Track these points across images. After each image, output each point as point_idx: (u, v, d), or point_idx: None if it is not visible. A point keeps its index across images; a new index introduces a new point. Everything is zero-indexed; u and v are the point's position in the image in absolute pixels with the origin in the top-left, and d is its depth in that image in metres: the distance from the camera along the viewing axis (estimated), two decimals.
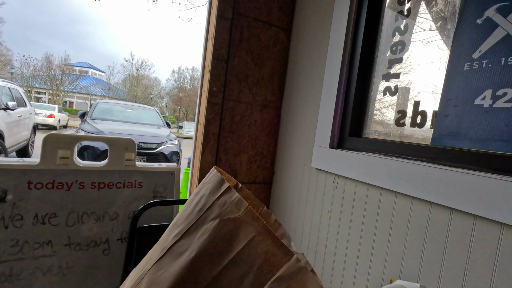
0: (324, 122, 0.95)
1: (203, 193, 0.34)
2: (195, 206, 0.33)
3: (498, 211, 0.51)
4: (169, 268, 0.29)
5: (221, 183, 0.33)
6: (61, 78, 24.29)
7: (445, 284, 0.59)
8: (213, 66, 1.08)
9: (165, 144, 4.18)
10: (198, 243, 0.29)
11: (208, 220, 0.30)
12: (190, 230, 0.31)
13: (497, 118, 0.56)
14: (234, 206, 0.30)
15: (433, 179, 0.61)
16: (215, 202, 0.32)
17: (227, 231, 0.29)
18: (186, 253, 0.29)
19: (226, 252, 0.29)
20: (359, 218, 0.81)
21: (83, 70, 33.16)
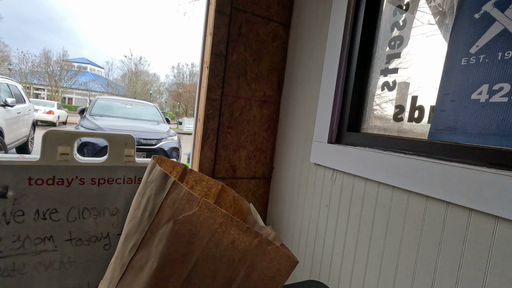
0: (322, 118, 0.96)
1: (149, 195, 0.32)
2: (143, 212, 0.31)
3: (492, 205, 0.51)
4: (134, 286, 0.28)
5: (166, 179, 0.30)
6: (59, 74, 24.18)
7: (441, 276, 0.60)
8: (212, 61, 1.08)
9: (165, 140, 4.19)
10: (157, 252, 0.28)
11: (161, 224, 0.29)
12: (145, 239, 0.29)
13: (493, 112, 0.56)
14: (186, 203, 0.28)
15: (429, 174, 0.62)
16: (164, 203, 0.29)
17: (186, 231, 0.27)
18: (148, 266, 0.28)
19: (190, 252, 0.27)
20: (356, 213, 0.82)
21: (81, 66, 32.99)
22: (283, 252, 0.30)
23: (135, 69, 30.79)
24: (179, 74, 33.67)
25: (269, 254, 0.31)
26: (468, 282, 0.56)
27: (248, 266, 0.30)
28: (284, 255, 0.30)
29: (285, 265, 0.31)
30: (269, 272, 0.31)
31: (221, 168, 1.16)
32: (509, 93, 0.54)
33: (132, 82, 29.94)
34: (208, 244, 0.30)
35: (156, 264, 0.29)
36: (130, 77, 30.61)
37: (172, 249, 0.29)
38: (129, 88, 29.33)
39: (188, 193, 0.30)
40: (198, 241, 0.29)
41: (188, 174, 0.39)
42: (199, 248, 0.29)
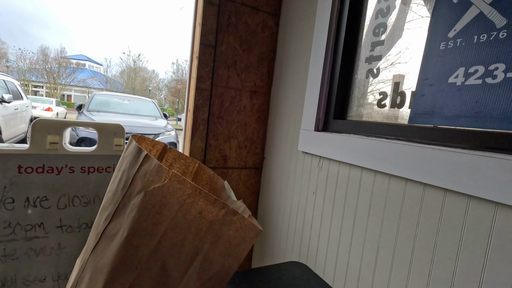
0: (310, 106, 0.97)
1: (124, 168, 0.33)
2: (118, 184, 0.32)
3: (465, 184, 0.53)
4: (106, 253, 0.29)
5: (139, 153, 0.31)
6: (58, 71, 24.09)
7: (418, 255, 0.62)
8: (201, 52, 1.09)
9: (162, 135, 4.20)
10: (128, 221, 0.29)
11: (133, 195, 0.30)
12: (118, 210, 0.31)
13: (468, 95, 0.57)
14: (156, 175, 0.29)
15: (408, 157, 0.63)
16: (136, 175, 0.30)
17: (156, 202, 0.28)
18: (119, 234, 0.29)
19: (160, 222, 0.29)
20: (341, 198, 0.83)
21: (80, 63, 32.85)
22: (247, 222, 0.32)
23: (134, 65, 30.68)
24: (178, 70, 33.56)
25: (234, 224, 0.32)
26: (443, 259, 0.57)
27: (215, 235, 0.32)
28: (248, 224, 0.32)
29: (249, 234, 0.33)
30: (234, 241, 0.32)
31: (212, 157, 1.17)
32: (483, 75, 0.55)
33: (131, 79, 29.86)
34: (177, 214, 0.31)
35: (126, 232, 0.31)
36: (128, 73, 30.52)
37: (142, 218, 0.31)
38: (128, 85, 29.25)
39: (158, 165, 0.31)
40: (167, 211, 0.31)
41: (167, 152, 0.40)
42: (168, 218, 0.31)
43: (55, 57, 26.06)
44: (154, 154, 0.39)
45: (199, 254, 0.32)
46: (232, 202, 0.38)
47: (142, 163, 0.32)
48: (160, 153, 0.40)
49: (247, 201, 1.28)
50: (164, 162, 0.40)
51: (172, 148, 0.40)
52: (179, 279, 0.32)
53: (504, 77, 0.52)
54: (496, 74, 0.53)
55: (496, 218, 0.50)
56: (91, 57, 56.43)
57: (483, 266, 0.51)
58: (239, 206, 0.36)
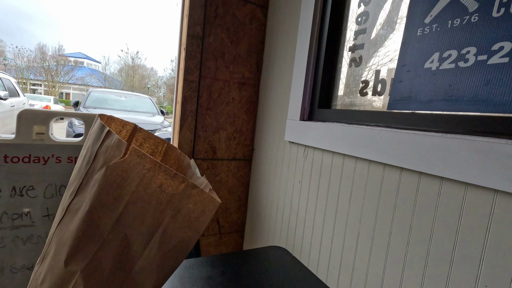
0: (295, 96, 0.97)
1: (88, 145, 0.34)
2: (83, 160, 0.33)
3: (437, 167, 0.54)
4: (69, 226, 0.30)
5: (102, 129, 0.32)
6: (56, 69, 24.02)
7: (395, 239, 0.63)
8: (188, 43, 1.09)
9: (159, 131, 4.20)
10: (91, 195, 0.30)
11: (96, 170, 0.31)
12: (82, 185, 0.32)
13: (442, 79, 0.58)
14: (116, 150, 0.30)
15: (385, 142, 0.64)
16: (99, 151, 0.31)
17: (116, 176, 0.29)
18: (82, 208, 0.30)
19: (121, 196, 0.29)
20: (325, 186, 0.84)
21: (78, 60, 32.74)
22: (206, 195, 0.33)
23: (132, 63, 30.58)
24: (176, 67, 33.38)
25: (194, 197, 0.33)
26: (417, 241, 0.58)
27: (175, 208, 0.33)
28: (207, 197, 0.33)
29: (208, 207, 0.33)
30: (194, 214, 0.33)
31: (201, 149, 1.18)
32: (456, 59, 0.56)
33: (129, 77, 29.78)
34: (138, 188, 0.32)
35: (88, 206, 0.32)
36: (127, 71, 30.43)
37: (103, 193, 0.32)
38: (127, 83, 29.18)
39: (118, 140, 0.32)
40: (128, 186, 0.32)
41: (137, 132, 0.41)
42: (128, 192, 0.32)
43: (53, 55, 25.97)
44: (125, 134, 0.40)
45: (160, 227, 0.33)
46: (196, 178, 0.39)
47: (104, 138, 0.33)
48: (131, 133, 0.40)
49: (237, 192, 1.29)
50: (134, 142, 0.40)
51: (142, 128, 0.41)
52: (141, 250, 0.33)
53: (475, 60, 0.52)
54: (468, 57, 0.54)
55: (466, 198, 0.51)
56: (90, 55, 56.17)
57: (454, 245, 0.52)
58: (202, 181, 0.37)
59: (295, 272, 0.58)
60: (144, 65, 32.66)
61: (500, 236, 0.46)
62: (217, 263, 0.58)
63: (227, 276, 0.54)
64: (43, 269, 0.33)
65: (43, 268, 0.33)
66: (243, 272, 0.55)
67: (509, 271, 0.45)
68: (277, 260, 0.61)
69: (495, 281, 0.46)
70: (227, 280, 0.52)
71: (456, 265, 0.52)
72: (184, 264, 0.57)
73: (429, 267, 0.56)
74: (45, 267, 0.33)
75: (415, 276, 0.58)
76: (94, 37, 78.42)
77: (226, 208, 1.28)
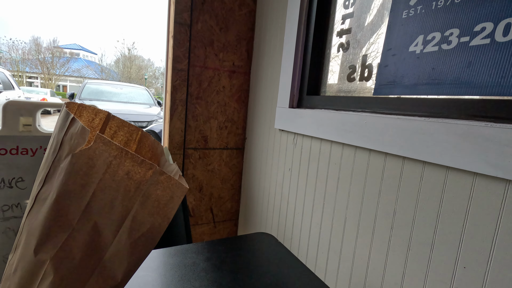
0: (284, 83, 0.96)
1: (55, 133, 0.33)
2: (50, 149, 0.33)
3: (420, 151, 0.53)
4: (38, 216, 0.30)
5: (67, 117, 0.31)
6: (51, 61, 23.73)
7: (380, 222, 0.63)
8: (176, 31, 1.07)
9: (156, 122, 4.19)
10: (57, 184, 0.29)
11: (62, 159, 0.30)
12: (49, 174, 0.31)
13: (426, 62, 0.57)
14: (80, 137, 0.29)
15: (371, 128, 0.64)
16: (64, 138, 0.31)
17: (82, 164, 0.29)
18: (49, 197, 0.30)
19: (88, 184, 0.29)
20: (313, 173, 0.84)
21: (73, 52, 32.31)
22: (174, 181, 0.32)
23: (129, 54, 30.18)
24: None
25: (162, 184, 0.33)
26: (401, 226, 0.59)
27: (143, 195, 0.33)
28: (175, 183, 0.32)
29: (177, 192, 0.33)
30: (163, 200, 0.33)
31: (192, 138, 1.18)
32: (439, 42, 0.55)
33: (126, 68, 29.45)
34: (105, 175, 0.31)
35: (55, 195, 0.31)
36: (124, 62, 30.07)
37: (70, 181, 0.31)
38: (124, 74, 28.89)
39: (81, 127, 0.31)
40: (95, 173, 0.31)
41: (111, 120, 0.41)
42: (96, 180, 0.31)
43: (48, 47, 25.60)
44: (98, 122, 0.39)
45: (129, 214, 0.33)
46: (168, 165, 0.39)
47: (69, 126, 0.33)
48: (104, 121, 0.40)
49: (230, 181, 1.29)
50: (108, 130, 0.40)
51: (116, 116, 0.41)
52: (111, 238, 0.33)
53: (458, 42, 0.51)
54: (450, 39, 0.53)
55: (447, 182, 0.51)
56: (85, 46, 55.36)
57: (435, 228, 0.53)
58: (173, 168, 0.37)
59: (278, 257, 0.58)
60: (141, 56, 32.27)
61: (478, 219, 0.46)
62: (201, 250, 0.58)
63: (211, 262, 0.54)
64: (15, 259, 0.34)
65: (15, 258, 0.34)
66: (228, 258, 0.56)
67: (486, 252, 0.45)
68: (262, 246, 0.62)
69: (473, 262, 0.47)
70: (210, 266, 0.53)
71: (437, 247, 0.52)
72: (169, 252, 0.57)
73: (412, 250, 0.57)
74: (17, 256, 0.33)
75: (398, 259, 0.59)
76: (89, 28, 77.06)
77: (219, 197, 1.29)
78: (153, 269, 0.51)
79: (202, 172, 1.22)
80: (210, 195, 1.26)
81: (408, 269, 0.57)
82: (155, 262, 0.53)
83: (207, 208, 1.27)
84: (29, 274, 0.32)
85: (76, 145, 0.31)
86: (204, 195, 1.25)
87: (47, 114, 10.61)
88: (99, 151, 0.30)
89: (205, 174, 1.23)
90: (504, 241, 0.43)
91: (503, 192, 0.43)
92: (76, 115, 0.39)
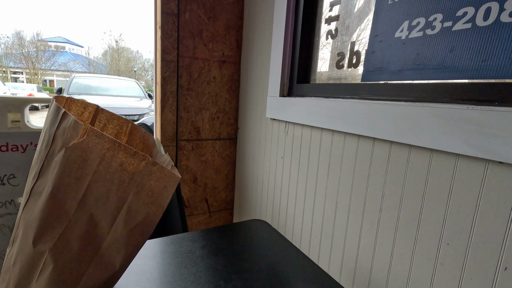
0: (274, 72, 0.97)
1: (46, 128, 0.34)
2: (42, 143, 0.33)
3: (406, 135, 0.55)
4: (34, 209, 0.31)
5: (58, 111, 0.31)
6: (36, 55, 23.03)
7: (369, 206, 0.66)
8: (163, 21, 1.06)
9: (147, 115, 4.15)
10: (52, 177, 0.30)
11: (55, 153, 0.31)
12: (43, 168, 0.32)
13: (411, 48, 0.58)
14: (73, 130, 0.30)
15: (359, 114, 0.65)
16: (56, 133, 0.31)
17: (76, 157, 0.29)
18: (45, 190, 0.30)
19: (83, 176, 0.30)
20: (305, 160, 0.86)
21: (59, 45, 31.38)
22: (167, 171, 0.33)
23: (117, 45, 29.47)
24: None
25: (155, 174, 0.34)
26: (389, 208, 0.61)
27: (137, 186, 0.33)
28: (168, 173, 0.33)
29: (170, 182, 0.34)
30: (157, 190, 0.34)
31: (184, 130, 1.18)
32: (423, 27, 0.56)
33: (114, 60, 28.81)
34: (99, 168, 0.32)
35: (51, 188, 0.32)
36: (112, 54, 29.39)
37: (65, 174, 0.32)
38: (112, 67, 28.27)
39: (74, 121, 0.32)
40: (89, 166, 0.32)
41: (100, 113, 0.41)
42: (90, 172, 0.32)
43: (31, 41, 24.78)
44: (87, 116, 0.40)
45: (124, 204, 0.34)
46: (160, 156, 0.39)
47: (61, 120, 0.33)
48: (94, 115, 0.40)
49: (224, 171, 1.31)
50: (98, 123, 0.40)
51: (104, 109, 0.41)
52: (107, 228, 0.34)
53: (441, 28, 0.53)
54: (434, 25, 0.54)
55: (431, 164, 0.53)
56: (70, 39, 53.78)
57: (420, 208, 0.55)
58: (165, 159, 0.38)
59: (272, 242, 0.60)
60: (129, 48, 31.55)
61: (460, 198, 0.49)
62: (197, 238, 0.60)
63: (207, 249, 0.56)
64: (14, 251, 0.34)
65: (14, 250, 0.34)
66: (223, 245, 0.58)
67: (467, 229, 0.48)
68: (257, 232, 0.64)
69: (455, 239, 0.49)
70: (206, 253, 0.55)
71: (422, 226, 0.55)
72: (165, 241, 0.59)
73: (399, 230, 0.59)
74: (16, 249, 0.34)
75: (387, 239, 0.62)
76: (73, 20, 74.65)
77: (214, 187, 1.30)
78: (150, 258, 0.52)
79: (196, 163, 1.23)
80: (204, 185, 1.27)
81: (396, 248, 0.60)
82: (152, 251, 0.54)
83: (202, 198, 1.28)
84: (28, 266, 0.33)
85: (69, 138, 0.31)
86: (198, 186, 1.26)
87: (35, 110, 10.38)
88: (92, 144, 0.31)
89: (199, 165, 1.24)
90: (483, 217, 0.46)
91: (483, 171, 0.45)
92: (65, 109, 0.39)
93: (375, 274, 0.65)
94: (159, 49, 1.08)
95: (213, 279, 0.47)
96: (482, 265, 0.46)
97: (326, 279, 0.49)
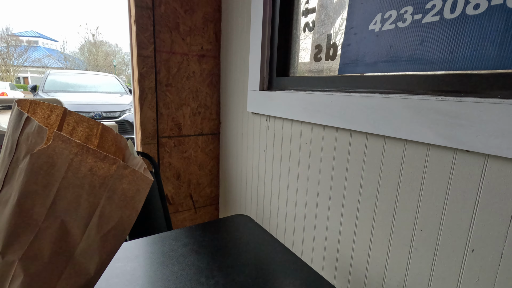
0: (254, 65, 0.96)
1: (9, 134, 0.32)
2: (5, 150, 0.32)
3: (380, 127, 0.57)
4: (1, 219, 0.30)
5: (21, 116, 0.30)
6: (7, 51, 21.83)
7: (349, 195, 0.67)
8: (138, 15, 1.02)
9: (129, 111, 4.04)
10: (18, 185, 0.29)
11: (20, 160, 0.30)
12: (8, 176, 0.30)
13: (384, 40, 0.59)
14: (37, 136, 0.28)
15: (336, 106, 0.66)
16: (20, 139, 0.30)
17: (42, 163, 0.28)
18: (11, 199, 0.29)
19: (51, 183, 0.29)
20: (286, 154, 0.87)
21: (31, 40, 29.83)
22: (139, 174, 0.33)
23: (94, 39, 28.32)
24: None
25: (127, 177, 0.33)
26: (367, 197, 0.63)
27: (109, 190, 0.33)
28: (140, 176, 0.33)
29: (142, 185, 0.34)
30: (129, 193, 0.34)
31: (165, 127, 1.16)
32: (395, 20, 0.57)
33: (92, 55, 27.72)
34: (67, 173, 0.31)
35: (17, 196, 0.31)
36: (89, 49, 28.25)
37: (31, 181, 0.31)
38: (90, 61, 27.23)
39: (38, 126, 0.30)
40: (57, 172, 0.31)
41: (68, 116, 0.40)
42: (58, 178, 0.31)
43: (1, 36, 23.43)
44: (55, 119, 0.38)
45: (96, 209, 0.33)
46: (132, 158, 0.39)
47: (24, 125, 0.32)
48: (62, 117, 0.39)
49: (207, 166, 1.30)
50: (66, 126, 0.39)
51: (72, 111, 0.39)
52: (79, 235, 0.33)
53: (412, 20, 0.54)
54: (405, 17, 0.55)
55: (405, 154, 0.54)
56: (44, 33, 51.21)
57: (396, 197, 0.57)
58: (137, 161, 0.37)
59: (255, 237, 0.61)
60: (108, 42, 30.42)
61: (431, 186, 0.51)
62: (180, 236, 0.60)
63: (189, 247, 0.56)
64: None
65: None
66: (205, 242, 0.58)
67: (438, 215, 0.50)
68: (240, 227, 0.64)
69: (428, 224, 0.52)
70: (188, 251, 0.55)
71: (397, 214, 0.57)
72: (147, 241, 0.58)
73: (377, 218, 0.61)
74: None
75: (365, 228, 0.64)
76: (46, 13, 70.90)
77: (198, 183, 1.29)
78: (131, 259, 0.51)
79: (179, 160, 1.22)
80: (188, 182, 1.26)
81: (374, 236, 0.62)
82: (134, 252, 0.54)
83: (186, 195, 1.28)
84: None
85: (34, 144, 0.30)
86: (182, 183, 1.25)
87: (9, 109, 9.90)
88: (59, 149, 0.30)
89: (182, 162, 1.23)
90: (452, 203, 0.48)
91: (451, 159, 0.47)
92: (30, 113, 0.37)
93: (356, 261, 0.67)
94: (135, 44, 1.05)
95: (195, 276, 0.47)
96: (452, 249, 0.49)
97: (308, 272, 0.50)
